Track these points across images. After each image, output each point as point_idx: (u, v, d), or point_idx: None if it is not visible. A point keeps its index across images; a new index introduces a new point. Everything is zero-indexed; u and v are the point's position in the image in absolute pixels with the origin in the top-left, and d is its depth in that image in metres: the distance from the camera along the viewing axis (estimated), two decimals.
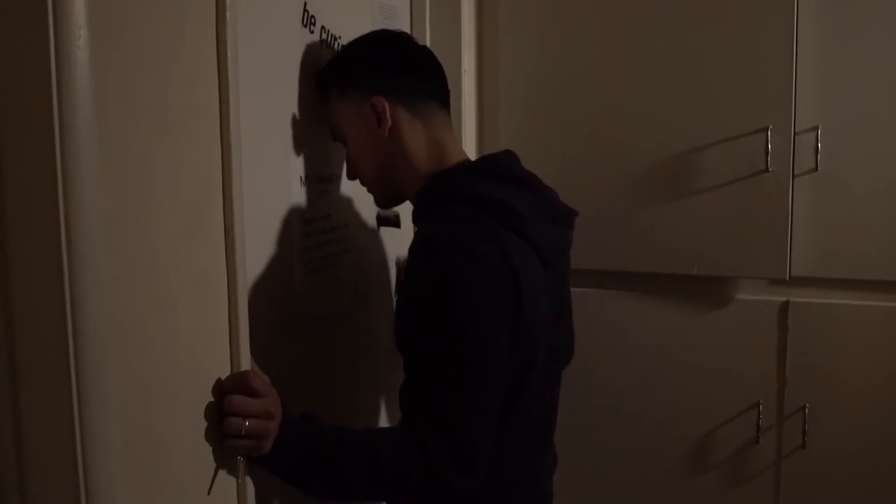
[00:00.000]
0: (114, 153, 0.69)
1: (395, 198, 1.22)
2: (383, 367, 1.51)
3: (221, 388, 0.86)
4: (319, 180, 1.25)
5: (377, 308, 1.50)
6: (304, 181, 1.20)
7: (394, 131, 1.14)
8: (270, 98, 1.11)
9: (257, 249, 1.07)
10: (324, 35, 1.26)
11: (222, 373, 0.87)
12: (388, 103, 1.13)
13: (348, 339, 1.38)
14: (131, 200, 0.71)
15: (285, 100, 1.16)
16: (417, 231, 1.12)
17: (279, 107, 1.14)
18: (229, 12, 0.84)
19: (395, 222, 1.49)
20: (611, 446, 1.88)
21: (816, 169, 1.69)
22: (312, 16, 1.22)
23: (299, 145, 1.18)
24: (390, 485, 1.00)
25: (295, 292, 1.18)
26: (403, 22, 1.61)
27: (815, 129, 1.68)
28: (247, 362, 0.90)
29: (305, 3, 1.19)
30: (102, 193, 0.67)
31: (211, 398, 0.85)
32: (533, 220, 1.08)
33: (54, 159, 0.63)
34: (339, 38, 1.30)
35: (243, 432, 0.86)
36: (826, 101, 1.68)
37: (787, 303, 1.74)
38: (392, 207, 1.31)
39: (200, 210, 0.82)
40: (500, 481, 1.10)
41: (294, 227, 1.17)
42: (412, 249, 1.06)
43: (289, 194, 1.16)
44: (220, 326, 0.86)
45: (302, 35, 1.20)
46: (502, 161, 1.16)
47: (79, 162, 0.64)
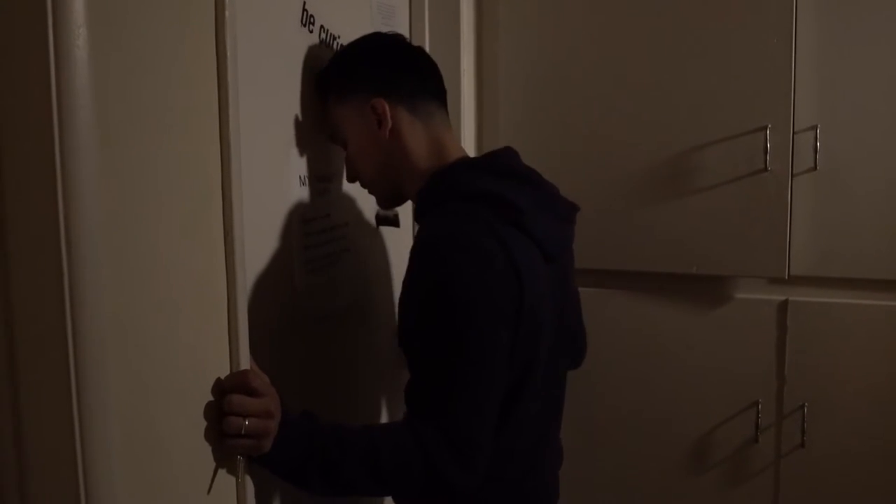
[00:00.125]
0: (113, 153, 0.69)
1: (396, 197, 1.23)
2: (383, 367, 1.51)
3: (221, 388, 0.86)
4: (319, 180, 1.25)
5: (377, 307, 1.50)
6: (304, 181, 1.20)
7: (394, 132, 1.14)
8: (270, 97, 1.11)
9: (257, 249, 1.07)
10: (323, 35, 1.26)
11: (222, 372, 0.87)
12: (387, 104, 1.13)
13: (348, 338, 1.38)
14: (131, 200, 0.71)
15: (285, 99, 1.16)
16: (419, 229, 1.12)
17: (278, 106, 1.14)
18: (228, 12, 0.84)
19: (394, 221, 1.48)
20: (609, 445, 1.88)
21: (815, 168, 1.69)
22: (311, 15, 1.22)
23: (299, 145, 1.18)
24: (390, 482, 1.00)
25: (295, 292, 1.18)
26: (402, 21, 1.61)
27: (815, 128, 1.68)
28: (246, 362, 0.90)
29: (304, 3, 1.19)
30: (102, 193, 0.67)
31: (210, 398, 0.85)
32: (534, 214, 1.08)
33: (54, 159, 0.63)
34: (339, 37, 1.30)
35: (243, 431, 0.86)
36: (825, 100, 1.68)
37: (786, 302, 1.74)
38: (394, 207, 1.31)
39: (200, 210, 0.82)
40: (503, 479, 1.11)
41: (294, 226, 1.17)
42: (414, 248, 1.06)
43: (288, 194, 1.17)
44: (219, 326, 0.86)
45: (301, 35, 1.20)
46: (502, 157, 1.16)
47: (79, 162, 0.64)
